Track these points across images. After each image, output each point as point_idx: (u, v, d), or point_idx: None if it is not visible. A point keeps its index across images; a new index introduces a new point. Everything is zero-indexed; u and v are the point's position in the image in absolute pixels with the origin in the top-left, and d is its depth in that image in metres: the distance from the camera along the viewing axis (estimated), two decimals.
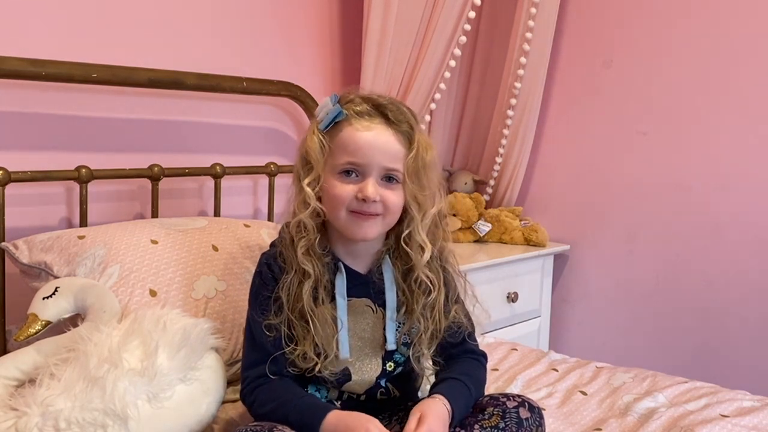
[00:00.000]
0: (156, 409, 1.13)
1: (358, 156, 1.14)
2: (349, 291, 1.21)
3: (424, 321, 1.21)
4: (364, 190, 1.13)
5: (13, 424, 1.07)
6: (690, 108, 2.35)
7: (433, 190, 1.19)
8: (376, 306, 1.23)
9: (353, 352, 1.21)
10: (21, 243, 1.56)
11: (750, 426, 1.36)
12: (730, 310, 2.30)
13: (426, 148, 1.17)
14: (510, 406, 1.16)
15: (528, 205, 2.74)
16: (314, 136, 1.16)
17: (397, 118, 1.16)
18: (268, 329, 1.17)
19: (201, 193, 2.08)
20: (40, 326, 1.28)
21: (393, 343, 1.22)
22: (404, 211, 1.19)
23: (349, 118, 1.15)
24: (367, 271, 1.24)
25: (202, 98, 2.04)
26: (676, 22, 2.36)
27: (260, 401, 1.17)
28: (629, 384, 1.57)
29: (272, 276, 1.20)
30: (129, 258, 1.49)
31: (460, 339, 1.25)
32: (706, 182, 2.33)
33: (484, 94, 2.72)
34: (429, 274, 1.21)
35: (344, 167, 1.15)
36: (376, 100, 1.18)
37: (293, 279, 1.17)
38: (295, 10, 2.28)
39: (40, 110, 1.76)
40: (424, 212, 1.18)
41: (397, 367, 1.26)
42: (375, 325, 1.23)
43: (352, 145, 1.14)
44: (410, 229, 1.19)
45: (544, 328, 2.60)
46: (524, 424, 1.15)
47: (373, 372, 1.24)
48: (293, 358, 1.17)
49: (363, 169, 1.15)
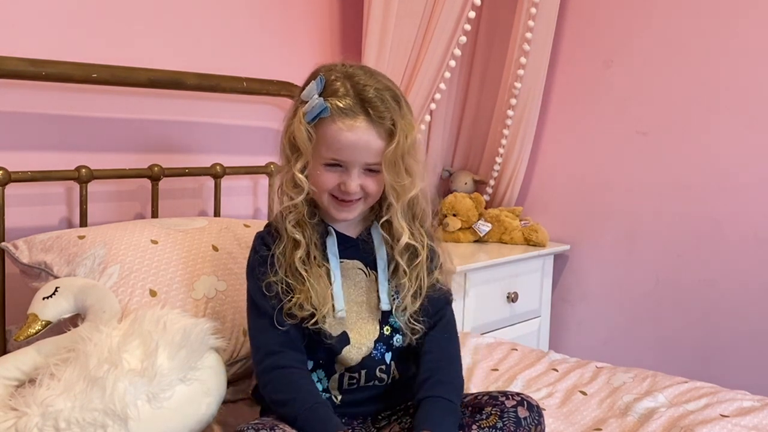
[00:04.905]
0: (156, 409, 1.13)
1: (342, 155, 1.19)
2: (341, 253, 1.26)
3: (409, 280, 1.25)
4: (346, 184, 1.20)
5: (13, 424, 1.07)
6: (690, 108, 2.35)
7: (413, 172, 1.23)
8: (368, 269, 1.28)
9: (350, 316, 1.25)
10: (21, 243, 1.56)
11: (750, 426, 1.36)
12: (730, 309, 2.30)
13: (407, 132, 1.21)
14: (508, 405, 1.17)
15: (528, 205, 2.74)
16: (301, 126, 1.20)
17: (380, 114, 1.18)
18: (267, 289, 1.21)
19: (201, 193, 2.08)
20: (40, 326, 1.28)
21: (387, 303, 1.26)
22: (384, 195, 1.25)
23: (333, 115, 1.18)
24: (357, 235, 1.29)
25: (202, 98, 2.04)
26: (676, 22, 2.36)
27: (275, 387, 1.19)
28: (629, 384, 1.57)
29: (266, 246, 1.25)
30: (129, 258, 1.49)
31: (442, 305, 1.31)
32: (706, 182, 2.33)
33: (484, 94, 2.72)
34: (413, 242, 1.26)
35: (329, 161, 1.20)
36: (361, 92, 1.19)
37: (287, 244, 1.23)
38: (295, 10, 2.28)
39: (40, 110, 1.76)
40: (402, 198, 1.23)
41: (393, 333, 1.28)
42: (369, 289, 1.28)
43: (336, 144, 1.18)
44: (388, 215, 1.25)
45: (544, 328, 2.60)
46: (522, 423, 1.16)
47: (371, 335, 1.26)
48: (291, 307, 1.20)
49: (346, 165, 1.20)
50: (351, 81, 1.20)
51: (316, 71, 1.24)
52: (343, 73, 1.22)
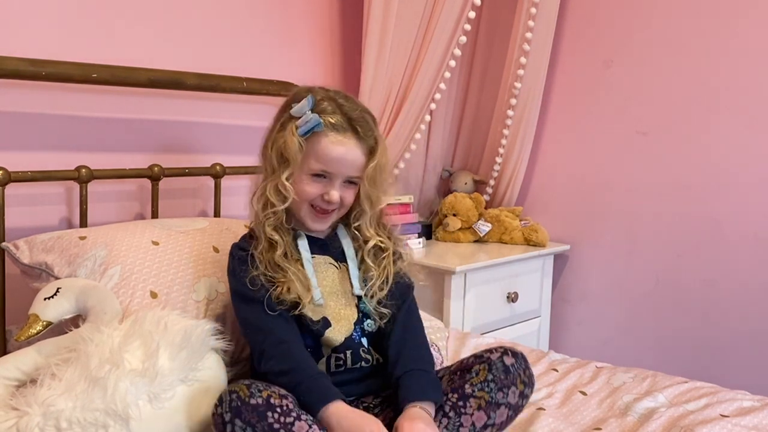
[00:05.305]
0: (157, 409, 1.14)
1: (330, 166, 1.32)
2: (312, 251, 1.39)
3: (376, 270, 1.38)
4: (330, 194, 1.33)
5: (14, 423, 1.07)
6: (690, 108, 2.35)
7: (386, 186, 1.40)
8: (338, 263, 1.41)
9: (329, 305, 1.35)
10: (22, 243, 1.56)
11: (750, 426, 1.37)
12: (730, 309, 2.30)
13: (383, 153, 1.37)
14: (494, 357, 1.25)
15: (528, 205, 2.75)
16: (294, 138, 1.31)
17: (366, 133, 1.33)
18: (252, 283, 1.30)
19: (201, 193, 2.08)
20: (41, 327, 1.28)
21: (359, 288, 1.38)
22: (355, 201, 1.39)
23: (325, 129, 1.31)
24: (326, 237, 1.43)
25: (202, 98, 2.04)
26: (676, 22, 2.36)
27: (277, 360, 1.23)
28: (629, 384, 1.57)
29: (243, 249, 1.36)
30: (130, 259, 1.49)
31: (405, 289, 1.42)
32: (706, 182, 2.33)
33: (484, 94, 2.72)
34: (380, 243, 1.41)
35: (316, 172, 1.33)
36: (347, 112, 1.33)
37: (264, 246, 1.33)
38: (295, 10, 2.28)
39: (40, 110, 1.76)
40: (375, 207, 1.39)
41: (364, 317, 1.37)
42: (342, 279, 1.39)
43: (326, 157, 1.31)
44: (360, 222, 1.40)
45: (544, 328, 2.60)
46: (511, 370, 1.23)
47: (350, 318, 1.36)
48: (279, 295, 1.29)
49: (331, 176, 1.33)
50: (335, 102, 1.34)
51: (299, 92, 1.36)
52: (326, 95, 1.35)
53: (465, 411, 1.21)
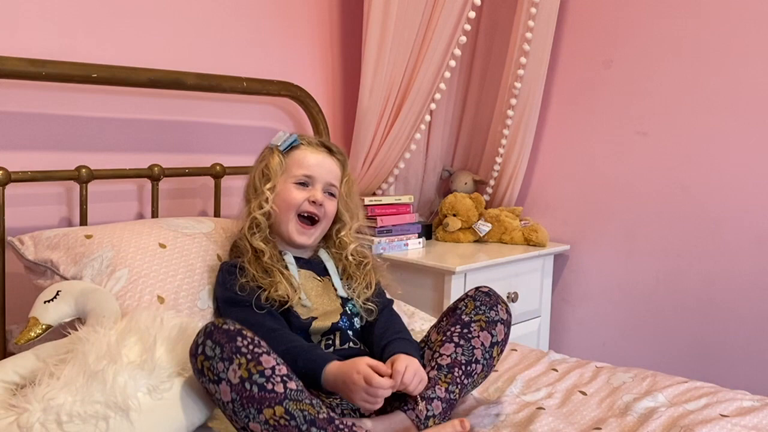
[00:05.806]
0: (156, 400, 1.14)
1: (311, 170, 1.53)
2: (297, 265, 1.51)
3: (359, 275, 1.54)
4: (315, 195, 1.51)
5: (14, 419, 1.07)
6: (690, 108, 2.35)
7: (358, 207, 1.64)
8: (321, 277, 1.54)
9: (314, 303, 1.47)
10: (27, 238, 1.56)
11: (750, 426, 1.36)
12: (730, 309, 2.30)
13: (352, 178, 1.63)
14: (471, 293, 1.44)
15: (528, 205, 2.75)
16: (275, 155, 1.53)
17: (337, 151, 1.59)
18: (241, 290, 1.42)
19: (201, 193, 2.09)
20: (40, 330, 1.28)
21: (342, 289, 1.52)
22: (336, 217, 1.58)
23: (300, 145, 1.56)
24: (309, 257, 1.57)
25: (202, 98, 2.05)
26: (676, 22, 2.36)
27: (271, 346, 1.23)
28: (629, 384, 1.57)
29: (232, 265, 1.48)
30: (138, 262, 1.50)
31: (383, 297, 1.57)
32: (706, 182, 2.33)
33: (484, 94, 2.72)
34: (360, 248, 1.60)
35: (300, 179, 1.52)
36: (322, 141, 1.61)
37: (251, 256, 1.47)
38: (295, 10, 2.29)
39: (40, 110, 1.76)
40: (354, 217, 1.61)
41: (353, 316, 1.50)
42: (325, 287, 1.53)
43: (306, 163, 1.54)
44: (343, 233, 1.59)
45: (544, 328, 2.60)
46: (490, 293, 1.43)
47: (336, 312, 1.48)
48: (267, 296, 1.40)
49: (313, 181, 1.53)
50: (311, 137, 1.60)
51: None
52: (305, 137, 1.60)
53: (472, 335, 1.38)
